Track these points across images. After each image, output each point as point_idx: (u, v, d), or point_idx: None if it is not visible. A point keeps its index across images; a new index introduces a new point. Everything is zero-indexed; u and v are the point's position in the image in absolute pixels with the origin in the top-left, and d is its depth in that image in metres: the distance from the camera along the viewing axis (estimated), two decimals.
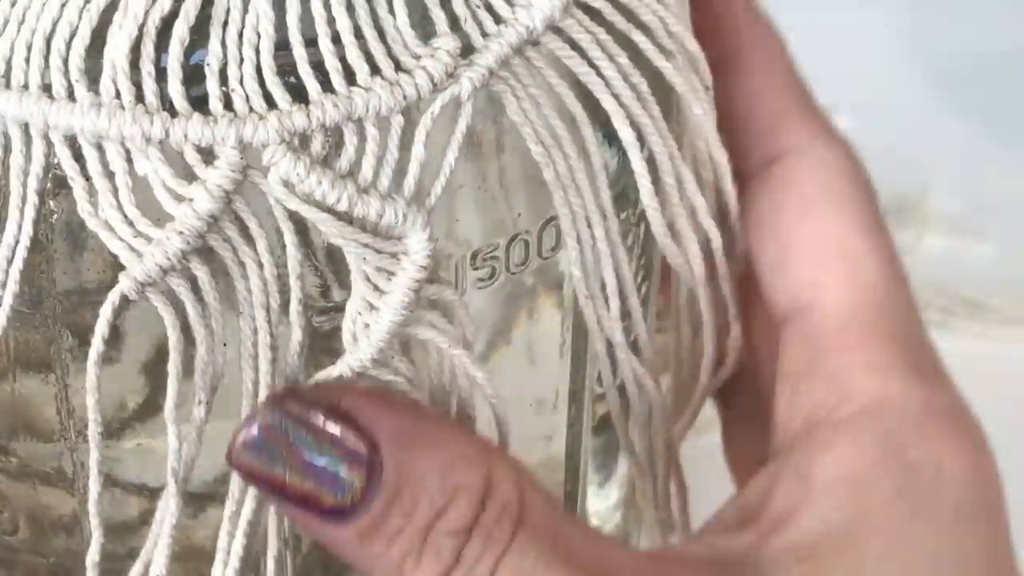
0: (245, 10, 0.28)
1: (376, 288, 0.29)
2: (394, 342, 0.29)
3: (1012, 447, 0.49)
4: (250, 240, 0.28)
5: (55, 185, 0.29)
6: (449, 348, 0.30)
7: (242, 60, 0.28)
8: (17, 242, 0.29)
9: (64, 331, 0.30)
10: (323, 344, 0.32)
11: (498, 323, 0.34)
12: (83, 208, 0.28)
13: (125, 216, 0.28)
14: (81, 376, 0.31)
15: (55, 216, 0.29)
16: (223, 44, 0.28)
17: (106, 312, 0.28)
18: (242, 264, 0.28)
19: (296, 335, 0.29)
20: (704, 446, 0.47)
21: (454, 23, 0.29)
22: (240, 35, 0.28)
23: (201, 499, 0.32)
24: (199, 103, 0.28)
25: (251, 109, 0.27)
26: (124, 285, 0.28)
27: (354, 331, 0.29)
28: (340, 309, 0.31)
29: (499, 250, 0.32)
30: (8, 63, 0.28)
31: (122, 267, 0.28)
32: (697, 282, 0.34)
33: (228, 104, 0.28)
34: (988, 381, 0.51)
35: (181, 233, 0.27)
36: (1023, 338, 0.53)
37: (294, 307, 0.29)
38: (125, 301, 0.28)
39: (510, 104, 0.29)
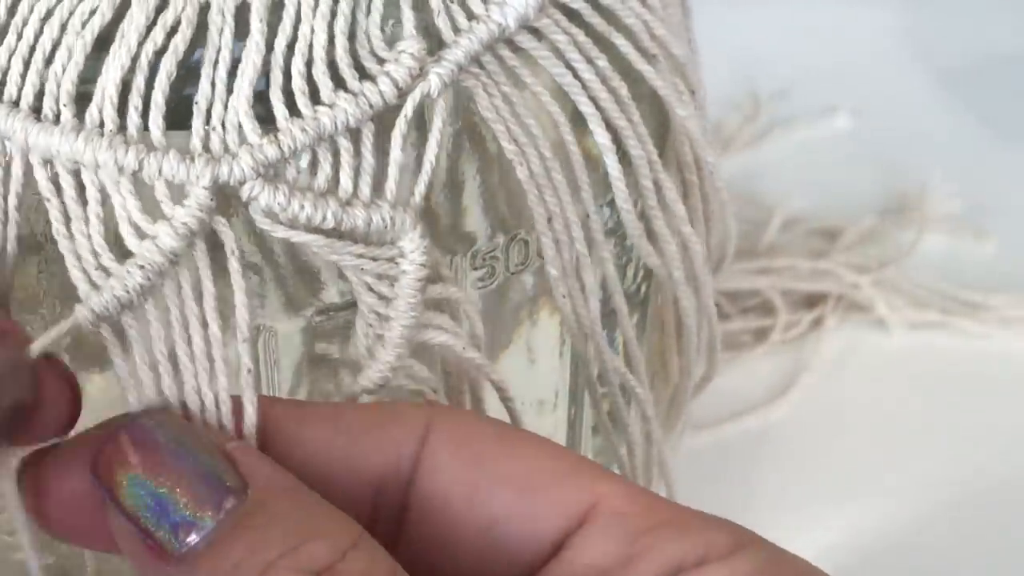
0: (235, 49, 0.28)
1: (381, 297, 0.29)
2: (409, 349, 0.29)
3: (1012, 447, 0.49)
4: (199, 296, 0.28)
5: None
6: (464, 352, 0.30)
7: (228, 93, 0.28)
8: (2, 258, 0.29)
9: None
10: (322, 344, 0.32)
11: (502, 326, 0.34)
12: (57, 230, 0.28)
13: (92, 247, 0.28)
14: (80, 376, 0.31)
15: None
16: (212, 83, 0.28)
17: (60, 333, 0.27)
18: (186, 322, 0.28)
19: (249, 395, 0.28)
20: (702, 445, 0.47)
21: (427, 20, 0.29)
22: (229, 73, 0.28)
23: None
24: (186, 108, 0.28)
25: (226, 148, 0.27)
26: (80, 315, 0.27)
27: (368, 345, 0.29)
28: (338, 309, 0.31)
29: (499, 250, 0.32)
30: (4, 76, 0.28)
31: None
32: (675, 284, 0.34)
33: (206, 141, 0.28)
34: (988, 381, 0.51)
35: (142, 268, 0.27)
36: (1023, 338, 0.53)
37: (244, 378, 0.28)
38: (78, 331, 0.27)
39: (481, 100, 0.30)
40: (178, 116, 0.28)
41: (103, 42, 0.28)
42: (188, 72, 0.28)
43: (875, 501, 0.47)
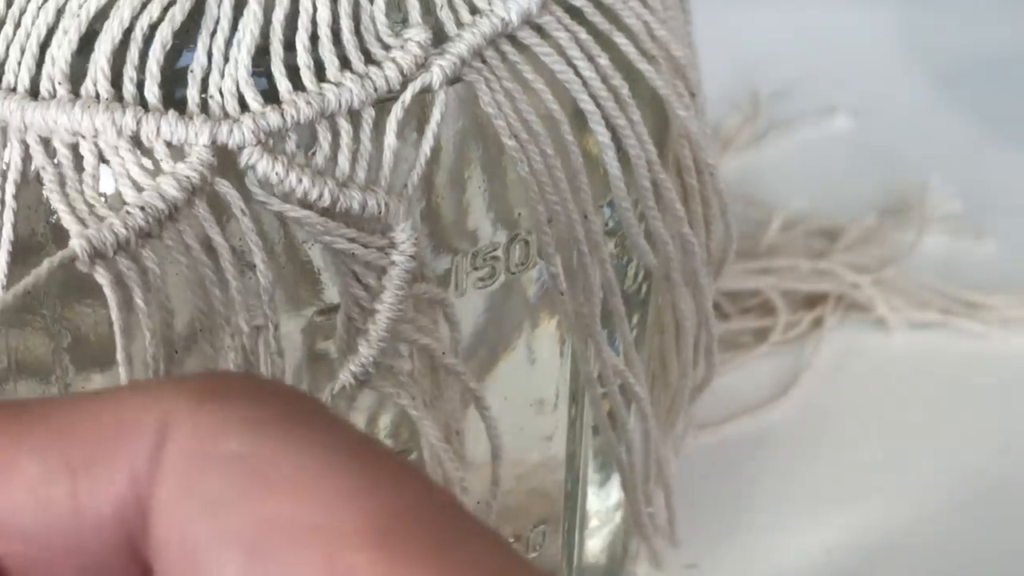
0: (234, 18, 0.28)
1: (367, 288, 0.29)
2: (392, 349, 0.29)
3: (1012, 447, 0.49)
4: (212, 252, 0.28)
5: None
6: (444, 357, 0.30)
7: (225, 62, 0.28)
8: None
9: (64, 331, 0.30)
10: (322, 344, 0.32)
11: (503, 328, 0.34)
12: (52, 196, 0.28)
13: (86, 199, 0.27)
14: (80, 377, 0.31)
15: (54, 216, 0.29)
16: (209, 53, 0.28)
17: (52, 265, 0.26)
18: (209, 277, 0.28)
19: (278, 362, 0.29)
20: (702, 445, 0.47)
21: (430, 11, 0.29)
22: (227, 43, 0.28)
23: None
24: (180, 105, 0.28)
25: (226, 113, 0.27)
26: (76, 245, 0.26)
27: (347, 339, 0.29)
28: (338, 309, 0.31)
29: (499, 250, 0.32)
30: (2, 64, 0.28)
31: None
32: (673, 286, 0.34)
33: (204, 109, 0.28)
34: (988, 381, 0.51)
35: (143, 209, 0.27)
36: (1023, 338, 0.53)
37: (269, 333, 0.29)
38: (71, 265, 0.27)
39: (483, 95, 0.30)
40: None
41: (100, 24, 0.28)
42: (176, 75, 0.28)
43: (875, 501, 0.47)
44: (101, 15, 0.28)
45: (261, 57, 0.28)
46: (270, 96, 0.28)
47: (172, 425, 0.20)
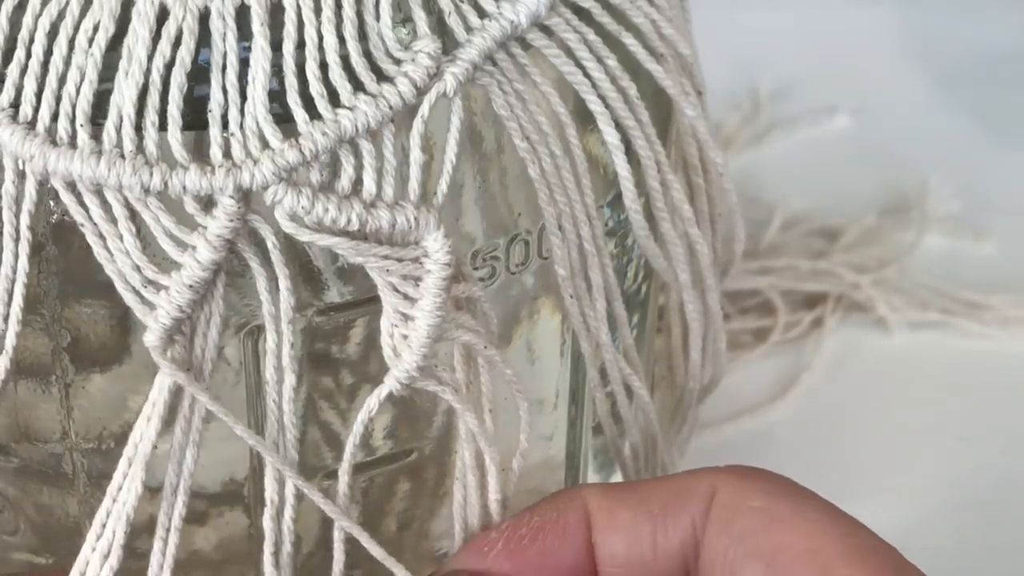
0: (242, 52, 0.28)
1: (406, 297, 0.29)
2: (434, 351, 0.29)
3: (1012, 446, 0.49)
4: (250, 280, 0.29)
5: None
6: (486, 350, 0.30)
7: (243, 101, 0.28)
8: (14, 280, 0.29)
9: (64, 331, 0.30)
10: (323, 346, 0.32)
11: (500, 324, 0.34)
12: (100, 254, 0.28)
13: (133, 262, 0.28)
14: (80, 377, 0.31)
15: (54, 216, 0.29)
16: (224, 89, 0.28)
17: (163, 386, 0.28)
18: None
19: (289, 380, 0.29)
20: (702, 445, 0.47)
21: (438, 18, 0.29)
22: (238, 77, 0.28)
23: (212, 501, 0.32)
24: (200, 104, 0.28)
25: (248, 153, 0.28)
26: (150, 342, 0.28)
27: (393, 345, 0.29)
28: (338, 309, 0.31)
29: (499, 250, 0.32)
30: (18, 92, 0.28)
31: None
32: (681, 286, 0.34)
33: (227, 150, 0.28)
34: (988, 381, 0.51)
35: (191, 287, 0.28)
36: (1023, 338, 0.53)
37: (286, 351, 0.29)
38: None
39: (496, 98, 0.30)
40: (188, 116, 0.28)
41: (108, 56, 0.28)
42: (196, 72, 0.28)
43: (875, 501, 0.46)
44: (111, 50, 0.28)
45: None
46: (287, 117, 0.28)
47: (719, 490, 0.29)
